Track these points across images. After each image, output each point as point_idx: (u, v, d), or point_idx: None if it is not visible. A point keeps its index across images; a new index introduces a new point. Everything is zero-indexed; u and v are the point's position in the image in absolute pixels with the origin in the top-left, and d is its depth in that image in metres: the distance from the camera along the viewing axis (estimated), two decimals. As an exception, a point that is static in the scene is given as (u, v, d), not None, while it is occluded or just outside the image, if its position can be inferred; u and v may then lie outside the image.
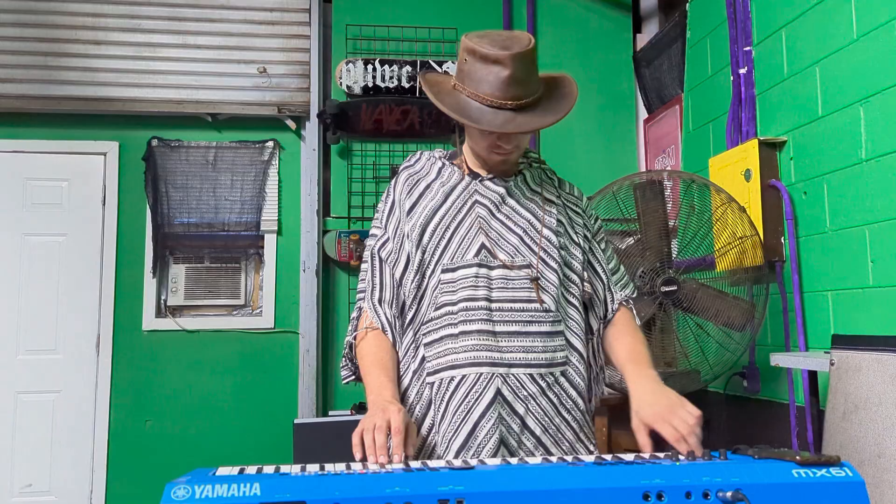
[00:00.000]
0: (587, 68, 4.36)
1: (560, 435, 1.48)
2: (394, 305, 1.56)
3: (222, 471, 1.12)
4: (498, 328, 1.47)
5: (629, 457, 1.13)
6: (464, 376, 1.45)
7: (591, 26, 4.40)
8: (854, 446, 1.78)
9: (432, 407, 1.49)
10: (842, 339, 1.91)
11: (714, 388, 3.08)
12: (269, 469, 1.15)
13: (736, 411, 3.03)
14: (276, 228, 4.11)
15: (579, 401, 1.52)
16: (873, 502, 1.71)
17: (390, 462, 1.23)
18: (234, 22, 4.10)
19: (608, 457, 1.14)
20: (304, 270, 4.04)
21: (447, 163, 1.64)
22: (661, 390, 1.44)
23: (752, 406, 2.94)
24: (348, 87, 4.06)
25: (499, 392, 1.44)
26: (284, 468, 1.12)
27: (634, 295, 1.68)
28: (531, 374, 1.46)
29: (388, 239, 1.60)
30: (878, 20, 2.29)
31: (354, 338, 1.58)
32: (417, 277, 1.54)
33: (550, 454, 1.44)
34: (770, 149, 2.80)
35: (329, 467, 1.09)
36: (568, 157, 4.30)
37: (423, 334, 1.53)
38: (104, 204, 4.01)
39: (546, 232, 1.55)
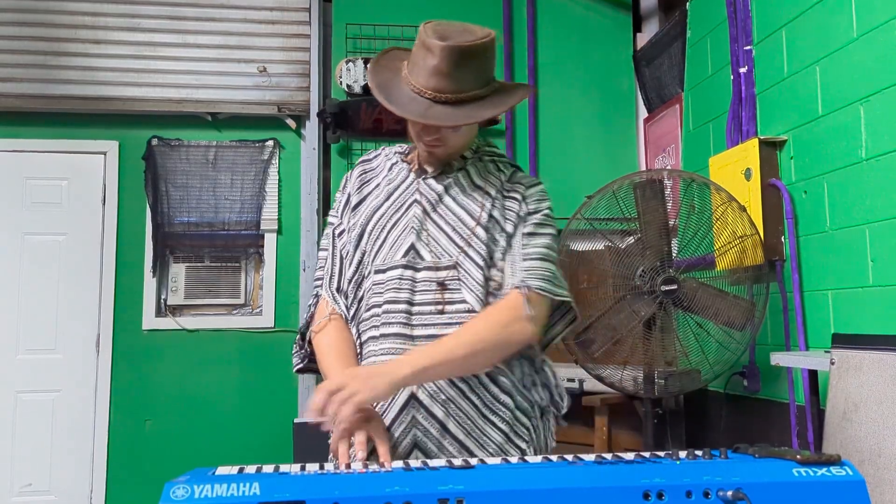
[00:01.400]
0: (587, 67, 4.36)
1: (486, 438, 1.43)
2: (349, 297, 1.55)
3: (221, 470, 1.12)
4: (416, 332, 1.43)
5: (629, 456, 1.13)
6: None
7: (592, 25, 4.39)
8: (854, 445, 1.77)
9: None
10: (842, 339, 1.91)
11: (714, 388, 3.08)
12: (268, 468, 1.14)
13: (736, 410, 3.03)
14: (276, 228, 4.11)
15: (507, 400, 1.46)
16: (874, 501, 1.71)
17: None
18: (234, 21, 4.10)
19: (608, 456, 1.14)
20: (303, 270, 4.04)
21: (399, 160, 1.62)
22: (378, 372, 1.34)
23: (753, 405, 2.94)
24: (348, 86, 4.06)
25: (413, 396, 1.41)
26: (284, 468, 1.12)
27: (546, 292, 1.47)
28: (450, 378, 1.41)
29: (344, 231, 1.60)
30: (877, 20, 2.29)
31: (308, 326, 1.58)
32: (357, 277, 1.53)
33: (474, 457, 1.36)
34: (770, 148, 2.80)
35: (329, 467, 1.09)
36: (568, 156, 4.30)
37: (358, 334, 1.53)
38: (104, 203, 4.00)
39: (478, 230, 1.49)
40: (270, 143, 4.15)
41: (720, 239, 2.71)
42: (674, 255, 2.69)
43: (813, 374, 2.39)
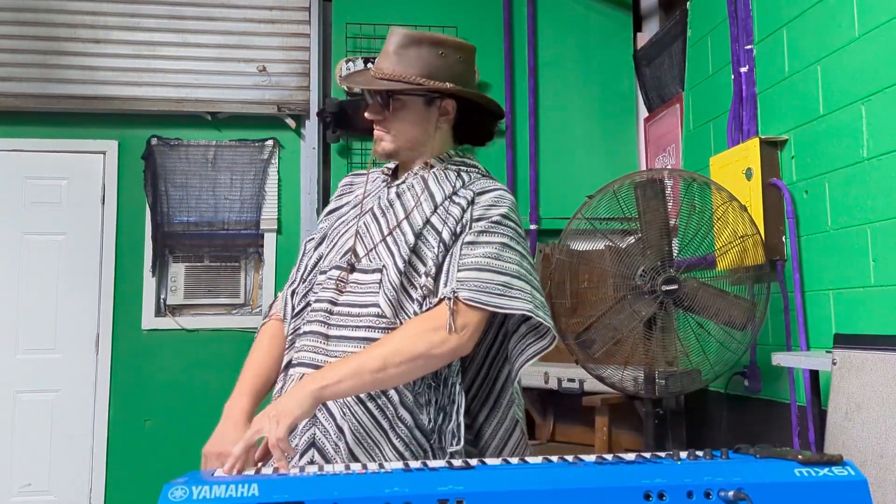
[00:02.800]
0: (587, 67, 4.36)
1: (377, 449, 1.37)
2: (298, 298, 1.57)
3: (220, 471, 1.12)
4: (331, 332, 1.44)
5: (630, 456, 1.12)
6: (293, 376, 1.45)
7: (592, 25, 4.39)
8: (856, 446, 1.77)
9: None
10: (844, 339, 1.90)
11: (715, 388, 3.07)
12: (267, 470, 1.14)
13: (737, 411, 3.02)
14: (275, 227, 4.11)
15: (407, 417, 1.39)
16: (876, 502, 1.70)
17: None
18: (234, 20, 4.10)
19: (609, 456, 1.13)
20: (303, 269, 4.02)
21: (382, 174, 1.63)
22: (290, 394, 1.30)
23: (754, 405, 2.93)
24: (348, 85, 4.05)
25: None
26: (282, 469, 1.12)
27: (479, 303, 1.37)
28: None
29: (313, 238, 1.63)
30: (879, 19, 2.28)
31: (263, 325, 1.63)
32: (311, 276, 1.55)
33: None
34: (771, 147, 2.80)
35: (327, 467, 1.08)
36: (568, 156, 4.30)
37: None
38: (103, 203, 4.00)
39: (409, 234, 1.45)
40: (270, 142, 4.14)
41: (721, 239, 2.70)
42: (674, 254, 2.68)
43: (814, 375, 2.38)
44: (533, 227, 4.19)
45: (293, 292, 1.57)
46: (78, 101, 3.95)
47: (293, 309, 1.54)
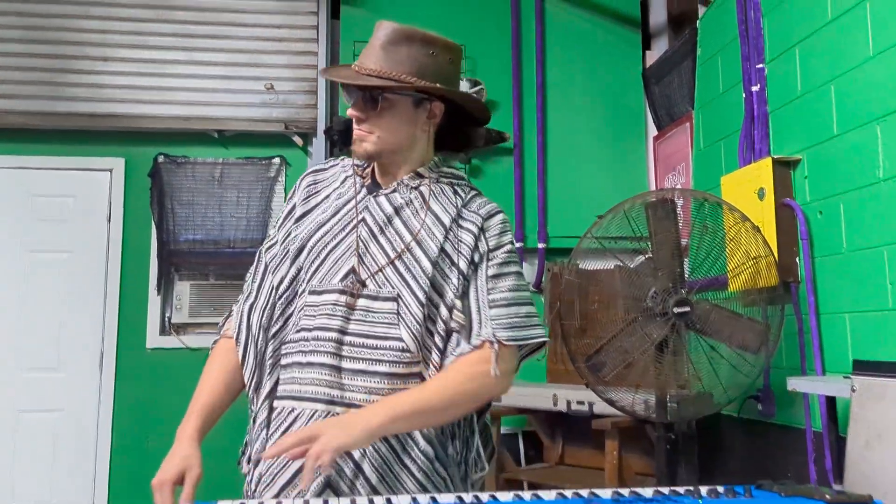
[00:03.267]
0: (596, 85, 4.34)
1: (399, 484, 1.33)
2: (265, 315, 1.44)
3: (222, 505, 1.08)
4: (345, 364, 1.34)
5: (648, 492, 1.08)
6: (302, 410, 1.35)
7: (600, 43, 4.37)
8: (878, 476, 1.71)
9: (269, 434, 1.39)
10: (864, 365, 1.85)
11: (728, 412, 3.01)
12: (270, 503, 1.10)
13: (751, 436, 2.96)
14: (281, 245, 4.07)
15: (428, 450, 1.36)
16: (898, 536, 1.65)
17: None
18: (242, 39, 4.09)
19: (625, 492, 1.09)
20: (309, 288, 3.99)
21: (354, 173, 1.52)
22: (350, 421, 1.24)
23: (768, 431, 2.87)
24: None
25: None
26: (286, 503, 1.08)
27: (519, 341, 1.38)
28: None
29: (276, 242, 1.50)
30: (894, 38, 2.25)
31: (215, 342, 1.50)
32: (289, 293, 1.43)
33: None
34: (784, 167, 2.76)
35: (333, 501, 1.04)
36: (576, 174, 4.27)
37: (283, 355, 1.42)
38: (109, 220, 3.98)
39: (425, 262, 1.38)
40: (277, 160, 4.12)
41: (733, 260, 2.66)
42: (686, 275, 2.64)
43: (831, 401, 2.32)
44: (541, 245, 4.15)
45: (252, 308, 1.45)
46: (85, 119, 3.94)
47: (260, 327, 1.43)
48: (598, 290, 2.82)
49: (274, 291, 1.45)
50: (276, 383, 1.41)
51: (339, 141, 4.01)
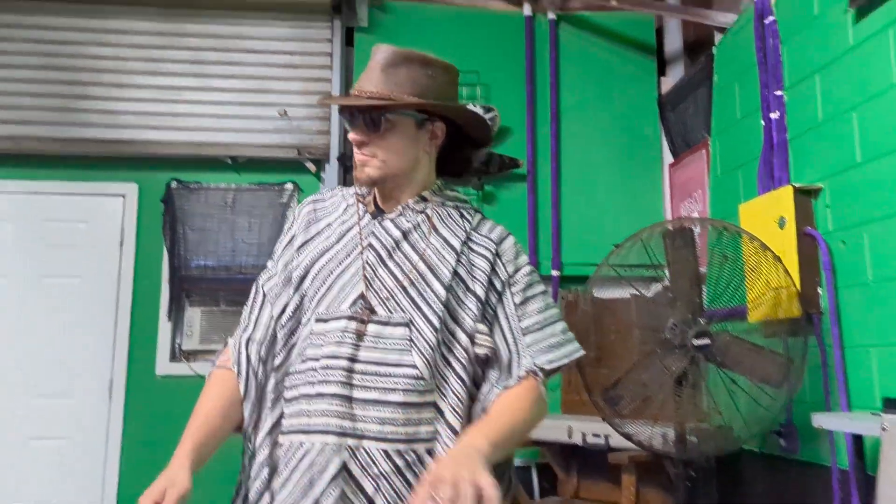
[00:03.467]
0: (611, 111, 4.31)
1: None
2: (264, 347, 1.39)
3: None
4: (356, 394, 1.28)
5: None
6: (312, 444, 1.27)
7: (615, 69, 4.35)
8: (912, 522, 1.64)
9: (277, 470, 1.32)
10: (894, 403, 1.78)
11: (749, 447, 2.92)
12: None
13: (773, 472, 2.87)
14: (293, 272, 4.04)
15: None
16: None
17: None
18: (256, 65, 4.10)
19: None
20: (321, 315, 3.95)
21: (356, 201, 1.48)
22: (463, 458, 1.16)
23: (791, 467, 2.78)
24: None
25: (344, 467, 1.25)
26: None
27: (557, 362, 1.38)
28: (385, 450, 1.26)
29: (275, 274, 1.45)
30: (919, 65, 2.20)
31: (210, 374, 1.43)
32: (292, 323, 1.38)
33: None
34: (805, 196, 2.70)
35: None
36: (591, 201, 4.22)
37: (286, 387, 1.36)
38: (121, 246, 3.96)
39: (437, 286, 1.34)
40: (290, 186, 4.11)
41: (753, 290, 2.59)
42: (704, 306, 2.57)
43: (858, 438, 2.24)
44: (555, 273, 4.09)
45: (249, 340, 1.40)
46: (100, 145, 3.95)
47: (259, 360, 1.37)
48: (613, 319, 2.76)
49: (274, 322, 1.40)
50: (280, 418, 1.35)
51: (352, 167, 3.98)
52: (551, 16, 4.34)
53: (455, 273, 1.37)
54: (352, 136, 1.41)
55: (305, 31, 4.15)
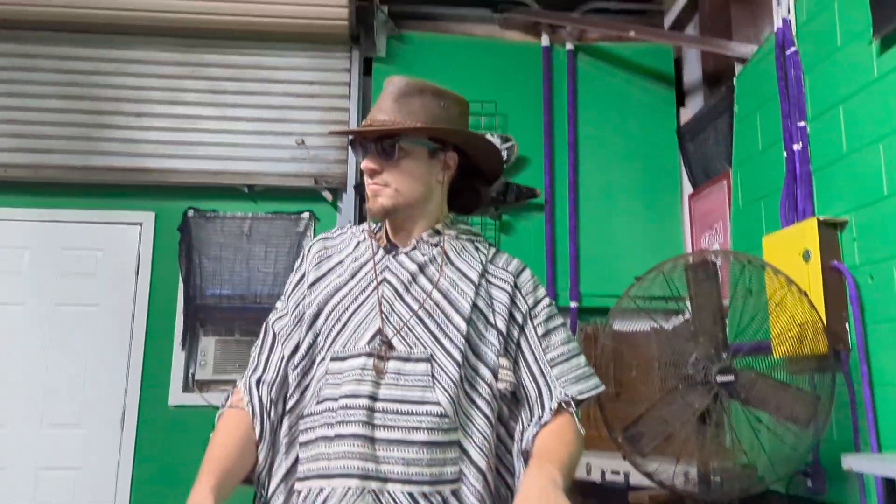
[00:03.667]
0: (629, 141, 4.28)
1: None
2: (275, 388, 1.35)
3: None
4: (378, 433, 1.23)
5: None
6: (333, 489, 1.22)
7: (633, 99, 4.33)
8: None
9: None
10: (930, 447, 1.71)
11: (774, 488, 2.83)
12: None
13: (800, 514, 2.77)
14: (308, 301, 4.01)
15: None
16: None
17: None
18: (274, 95, 4.12)
19: None
20: (335, 346, 3.91)
21: (366, 237, 1.46)
22: (550, 492, 1.14)
23: (819, 509, 2.68)
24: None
25: None
26: None
27: (587, 393, 1.37)
28: (411, 493, 1.22)
29: (286, 314, 1.42)
30: (948, 96, 2.15)
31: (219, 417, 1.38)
32: (305, 363, 1.34)
33: None
34: (830, 229, 2.64)
35: None
36: (610, 231, 4.18)
37: (301, 430, 1.31)
38: (137, 274, 3.96)
39: (457, 319, 1.31)
40: (306, 214, 4.10)
41: (778, 325, 2.52)
42: (728, 341, 2.50)
43: (889, 482, 2.15)
44: (573, 304, 4.03)
45: (260, 381, 1.36)
46: (118, 174, 3.96)
47: (270, 402, 1.33)
48: (634, 353, 2.70)
49: (284, 362, 1.37)
50: (295, 463, 1.30)
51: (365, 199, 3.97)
52: (569, 46, 4.33)
53: (475, 306, 1.34)
54: (364, 164, 1.39)
55: (324, 61, 4.17)
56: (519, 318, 1.38)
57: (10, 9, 3.83)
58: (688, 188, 4.17)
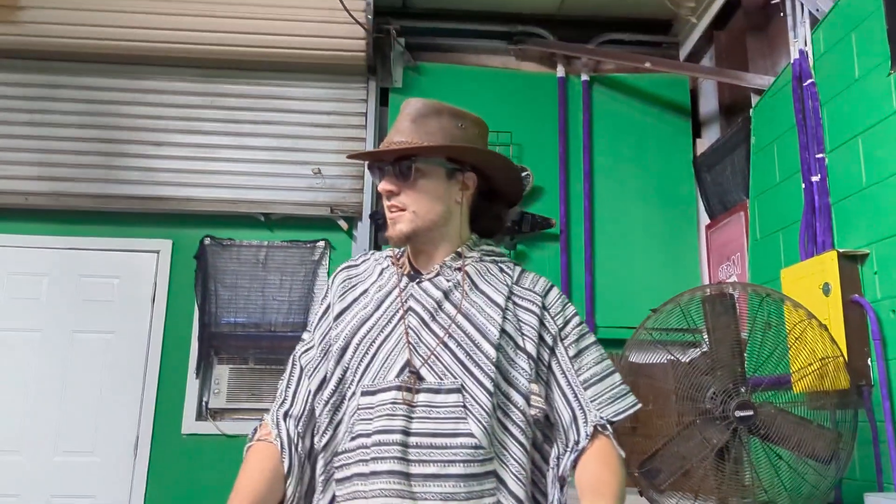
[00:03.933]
0: (645, 172, 4.26)
1: None
2: (301, 422, 1.34)
3: None
4: (413, 469, 1.21)
5: None
6: None
7: (649, 130, 4.32)
8: None
9: None
10: (958, 489, 1.66)
11: (795, 525, 2.76)
12: None
13: (822, 554, 2.69)
14: (323, 330, 4.00)
15: None
16: None
17: None
18: (291, 124, 4.15)
19: None
20: (349, 375, 3.89)
21: (390, 264, 1.44)
22: None
23: (842, 549, 2.61)
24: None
25: None
26: None
27: (623, 413, 1.36)
28: None
29: (312, 346, 1.41)
30: (969, 129, 2.13)
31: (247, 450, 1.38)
32: (336, 398, 1.32)
33: None
34: (850, 261, 2.60)
35: None
36: (625, 262, 4.15)
37: (336, 468, 1.29)
38: (153, 302, 3.98)
39: (487, 347, 1.28)
40: (322, 243, 4.11)
41: (798, 360, 2.48)
42: (746, 375, 2.46)
43: (916, 522, 2.10)
44: (589, 335, 3.99)
45: (287, 415, 1.35)
46: (136, 202, 4.00)
47: (298, 436, 1.33)
48: (650, 386, 2.66)
49: (311, 396, 1.36)
50: (332, 501, 1.29)
51: (384, 225, 3.97)
52: (584, 77, 4.35)
53: (503, 331, 1.31)
54: (381, 186, 1.39)
55: (340, 91, 4.21)
56: (549, 339, 1.36)
57: (32, 39, 3.90)
58: (704, 219, 4.14)
